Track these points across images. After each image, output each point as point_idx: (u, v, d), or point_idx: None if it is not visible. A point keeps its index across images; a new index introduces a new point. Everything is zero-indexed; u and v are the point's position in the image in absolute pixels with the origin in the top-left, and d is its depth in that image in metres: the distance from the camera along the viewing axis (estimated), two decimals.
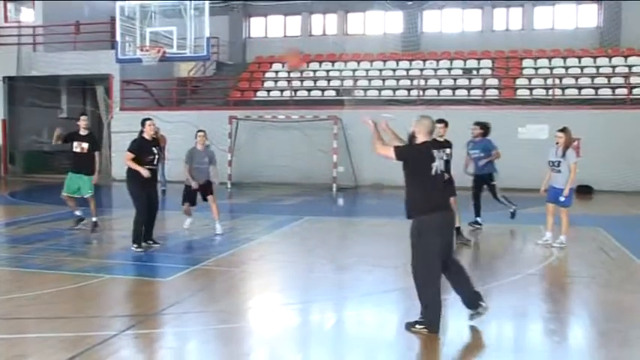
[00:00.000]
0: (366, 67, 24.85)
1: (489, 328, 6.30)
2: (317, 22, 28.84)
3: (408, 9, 26.63)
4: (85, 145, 11.00)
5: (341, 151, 20.35)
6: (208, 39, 18.13)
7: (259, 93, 24.24)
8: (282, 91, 23.93)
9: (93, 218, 11.23)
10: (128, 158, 9.35)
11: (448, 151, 10.00)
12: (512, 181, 18.65)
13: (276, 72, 25.59)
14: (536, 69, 23.49)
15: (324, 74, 24.79)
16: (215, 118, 21.57)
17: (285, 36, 28.87)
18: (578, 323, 6.41)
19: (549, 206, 10.03)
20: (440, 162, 5.75)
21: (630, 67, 22.30)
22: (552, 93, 21.37)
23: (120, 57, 18.92)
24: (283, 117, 21.32)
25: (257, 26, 29.58)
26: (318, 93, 23.46)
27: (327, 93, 23.36)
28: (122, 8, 18.21)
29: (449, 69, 24.09)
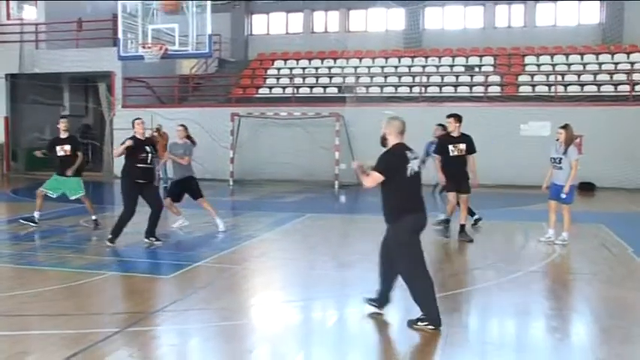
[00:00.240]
0: (368, 64, 24.85)
1: (491, 326, 6.30)
2: (319, 20, 28.82)
3: (410, 6, 26.60)
4: (68, 147, 11.21)
5: (343, 148, 20.33)
6: (210, 36, 18.13)
7: (261, 90, 24.24)
8: (284, 88, 23.93)
9: (92, 217, 11.38)
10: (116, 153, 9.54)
11: (461, 147, 9.91)
12: (514, 178, 18.74)
13: (278, 69, 25.60)
14: (538, 66, 23.46)
15: (326, 71, 24.79)
16: (217, 116, 21.61)
17: (287, 33, 28.88)
18: (580, 320, 6.41)
19: (551, 203, 10.02)
20: (414, 163, 5.85)
21: (633, 64, 22.25)
22: (554, 90, 21.33)
23: (122, 54, 18.91)
24: (285, 114, 21.32)
25: (259, 23, 29.58)
26: (320, 90, 23.45)
27: (329, 90, 23.34)
28: (124, 5, 18.20)
29: (451, 66, 24.07)
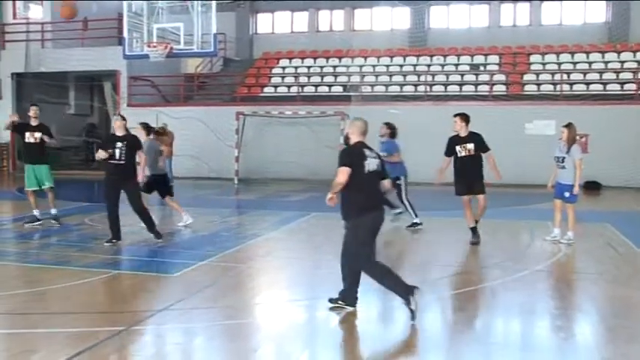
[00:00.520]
0: (373, 63, 24.82)
1: (496, 325, 6.30)
2: (324, 18, 28.80)
3: (415, 5, 26.57)
4: (38, 135, 11.18)
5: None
6: (215, 35, 18.18)
7: (266, 89, 24.25)
8: (289, 87, 23.93)
9: (52, 211, 11.31)
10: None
11: (469, 146, 9.60)
12: (519, 177, 18.67)
13: (283, 68, 25.60)
14: (543, 64, 23.39)
15: (331, 70, 24.78)
16: (222, 114, 21.63)
17: (292, 32, 28.86)
18: (585, 319, 6.39)
19: (557, 202, 9.99)
20: (372, 161, 5.96)
21: (639, 63, 22.18)
22: (560, 89, 21.28)
23: (127, 53, 18.97)
24: (290, 113, 21.31)
25: (264, 22, 29.59)
26: (325, 89, 23.44)
27: (334, 89, 23.33)
28: (129, 5, 18.28)
29: (456, 65, 24.02)
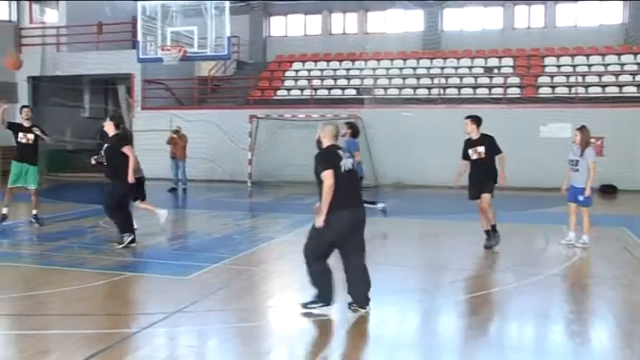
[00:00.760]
0: (387, 66, 24.80)
1: (510, 329, 6.24)
2: (337, 21, 28.85)
3: (429, 7, 26.52)
4: (31, 136, 11.32)
5: (361, 150, 20.19)
6: (229, 38, 18.23)
7: (279, 92, 24.30)
8: (302, 90, 23.96)
9: (33, 211, 11.44)
10: None
11: (480, 149, 9.40)
12: (533, 180, 18.56)
13: (296, 71, 25.64)
14: (558, 67, 23.25)
15: (345, 73, 24.79)
16: (235, 117, 21.71)
17: (305, 35, 28.93)
18: (601, 324, 6.31)
19: (571, 206, 9.91)
20: (347, 161, 6.12)
21: None
22: (575, 91, 21.12)
23: (141, 56, 19.08)
24: (303, 116, 21.33)
25: (277, 25, 29.67)
26: (338, 92, 23.46)
27: (348, 92, 23.34)
28: (143, 8, 18.37)
29: (470, 67, 23.94)
